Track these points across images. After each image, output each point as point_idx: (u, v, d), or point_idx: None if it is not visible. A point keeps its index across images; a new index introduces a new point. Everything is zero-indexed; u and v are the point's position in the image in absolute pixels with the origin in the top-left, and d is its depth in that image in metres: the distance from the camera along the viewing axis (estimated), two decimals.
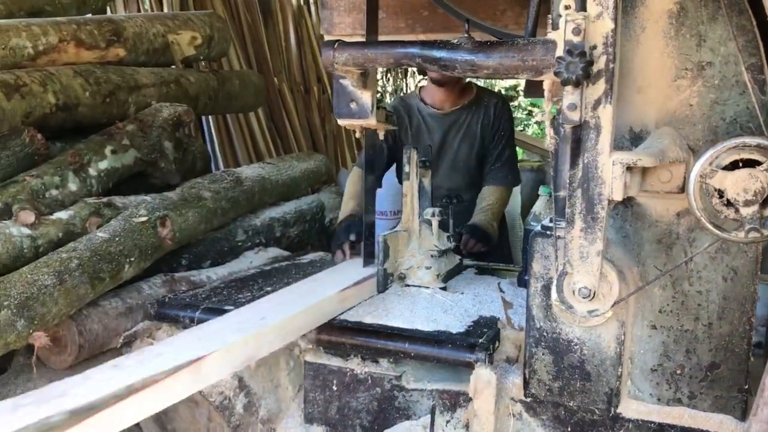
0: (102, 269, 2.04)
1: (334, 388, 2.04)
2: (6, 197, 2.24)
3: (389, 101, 10.26)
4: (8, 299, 1.81)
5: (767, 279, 1.96)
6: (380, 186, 2.92)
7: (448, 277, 2.43)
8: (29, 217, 2.15)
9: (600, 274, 1.55)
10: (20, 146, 2.45)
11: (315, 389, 2.06)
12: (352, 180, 3.06)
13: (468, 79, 3.20)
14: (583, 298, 1.57)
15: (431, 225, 2.40)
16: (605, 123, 1.49)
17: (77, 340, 2.00)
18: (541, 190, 2.31)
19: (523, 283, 2.33)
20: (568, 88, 1.47)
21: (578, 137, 1.52)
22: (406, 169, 2.43)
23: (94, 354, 2.09)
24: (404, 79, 10.28)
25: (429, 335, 1.90)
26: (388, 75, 9.99)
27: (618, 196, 1.50)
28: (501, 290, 2.28)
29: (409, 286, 2.33)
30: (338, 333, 1.97)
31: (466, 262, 2.79)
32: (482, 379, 1.78)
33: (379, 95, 9.91)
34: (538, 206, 2.29)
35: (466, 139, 3.15)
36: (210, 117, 4.66)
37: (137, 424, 2.25)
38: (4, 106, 2.39)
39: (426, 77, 3.31)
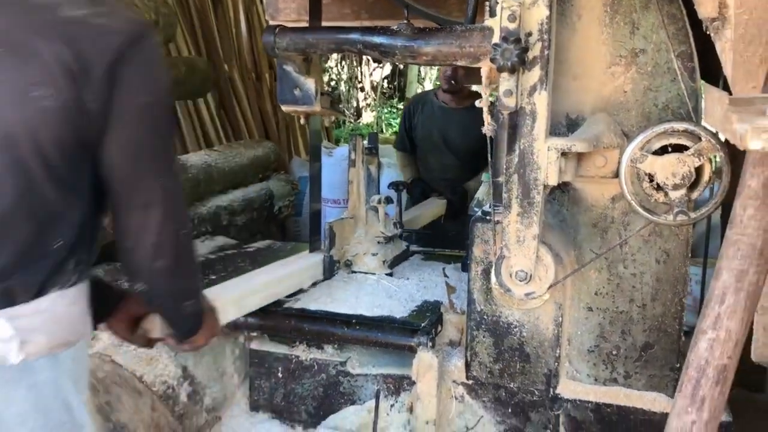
0: None
1: (280, 375, 2.04)
2: None
3: (343, 89, 10.25)
4: None
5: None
6: None
7: (395, 263, 2.45)
8: None
9: (536, 257, 1.58)
10: None
11: (260, 377, 2.06)
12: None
13: None
14: (520, 281, 1.60)
15: (377, 212, 2.41)
16: (540, 109, 1.52)
17: None
18: (484, 176, 2.33)
19: (466, 267, 2.36)
20: (504, 74, 1.49)
21: (515, 123, 1.55)
22: (352, 156, 2.43)
23: None
24: (359, 67, 10.26)
25: (373, 320, 1.91)
26: (343, 62, 9.96)
27: (553, 181, 1.53)
28: (445, 275, 2.31)
29: (355, 272, 2.34)
30: (283, 319, 1.97)
31: (414, 247, 2.82)
32: (424, 362, 1.80)
33: (334, 83, 9.90)
34: (481, 192, 2.31)
35: (473, 135, 3.25)
36: None
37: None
38: None
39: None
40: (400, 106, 10.62)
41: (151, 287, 1.27)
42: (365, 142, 2.49)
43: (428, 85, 10.96)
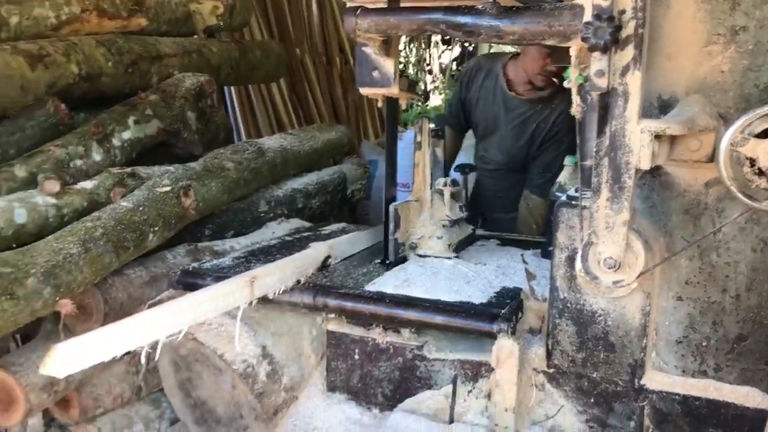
0: (126, 238, 2.05)
1: (356, 357, 2.04)
2: (31, 167, 2.26)
3: (411, 72, 10.19)
4: (35, 267, 1.83)
5: None
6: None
7: (460, 247, 2.42)
8: (54, 186, 2.16)
9: (626, 244, 1.53)
10: (44, 117, 2.46)
11: (337, 358, 2.07)
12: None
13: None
14: (609, 268, 1.55)
15: (443, 195, 2.39)
16: (633, 90, 1.46)
17: (102, 308, 2.02)
18: (567, 159, 2.27)
19: (547, 254, 2.31)
20: (596, 54, 1.44)
21: (606, 105, 1.49)
22: (418, 138, 2.40)
23: None
24: (428, 50, 10.19)
25: (452, 306, 1.89)
26: (411, 45, 9.90)
27: (645, 165, 1.47)
28: (524, 261, 2.27)
29: (424, 256, 2.32)
30: (360, 302, 1.97)
31: (481, 231, 2.79)
32: (505, 349, 1.77)
33: (401, 66, 9.87)
34: (563, 176, 2.25)
35: (529, 131, 3.17)
36: (232, 87, 4.65)
37: (161, 389, 2.31)
38: (28, 77, 2.40)
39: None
40: None
41: None
42: (431, 124, 2.46)
43: None
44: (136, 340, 1.53)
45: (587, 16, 1.43)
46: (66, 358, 1.36)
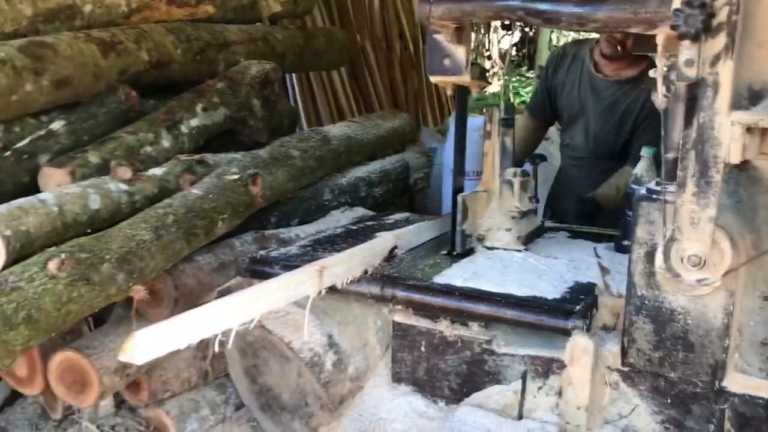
0: (196, 225, 2.07)
1: (423, 349, 2.02)
2: (104, 153, 2.30)
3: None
4: (109, 253, 1.86)
5: None
6: None
7: (529, 239, 2.37)
8: (126, 172, 2.20)
9: (712, 241, 1.46)
10: (116, 103, 2.50)
11: (403, 349, 2.05)
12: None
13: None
14: (693, 266, 1.49)
15: (512, 186, 2.33)
16: (724, 80, 1.39)
17: (173, 293, 2.05)
18: (644, 150, 2.19)
19: (620, 248, 2.24)
20: (685, 42, 1.38)
21: (694, 95, 1.43)
22: (488, 127, 2.35)
23: (190, 308, 2.14)
24: (487, 35, 10.04)
25: (524, 300, 1.85)
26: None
27: (735, 159, 1.41)
28: (597, 255, 2.20)
29: (491, 248, 2.28)
30: (429, 294, 1.95)
31: (549, 223, 2.72)
32: (579, 346, 1.72)
33: None
34: (640, 168, 2.17)
35: (618, 114, 3.05)
36: (294, 75, 4.67)
37: (227, 375, 2.33)
38: (101, 64, 2.44)
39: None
40: (530, 74, 10.32)
41: None
42: (501, 112, 2.41)
43: None
44: (210, 329, 1.55)
45: (677, 3, 1.36)
46: (144, 345, 1.38)
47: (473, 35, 9.32)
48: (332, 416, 2.03)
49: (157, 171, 2.34)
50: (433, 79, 2.00)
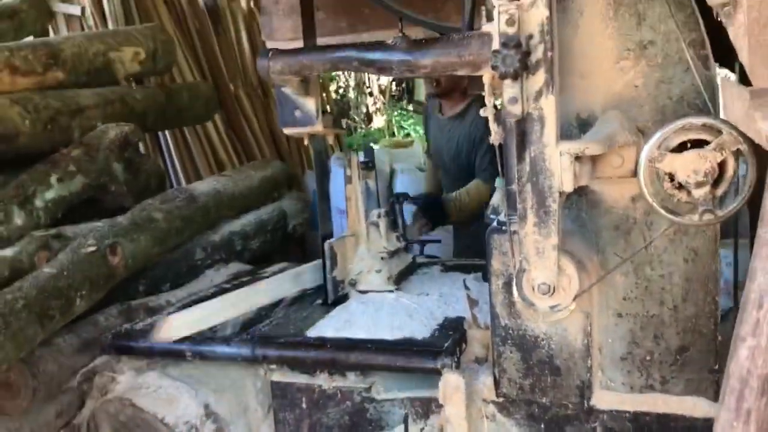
0: (51, 306, 1.95)
1: (304, 406, 1.98)
2: None
3: (353, 95, 10.20)
4: None
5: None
6: None
7: (401, 277, 2.38)
8: None
9: (558, 268, 1.51)
10: None
11: (284, 409, 2.00)
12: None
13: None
14: (543, 294, 1.52)
15: (379, 227, 2.34)
16: (548, 114, 1.44)
17: (30, 383, 1.92)
18: (498, 182, 2.25)
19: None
20: (507, 81, 1.42)
21: (523, 130, 1.48)
22: (348, 172, 2.36)
23: (52, 394, 2.01)
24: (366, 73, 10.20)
25: (393, 344, 1.85)
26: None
27: (568, 188, 1.46)
28: (466, 287, 2.23)
29: (367, 292, 2.27)
30: (301, 349, 1.91)
31: (421, 259, 2.75)
32: (451, 384, 1.73)
33: (342, 90, 9.85)
34: (496, 199, 2.23)
35: (453, 147, 3.20)
36: (167, 132, 4.56)
37: None
38: None
39: None
40: (410, 107, 10.56)
41: None
42: (360, 156, 2.43)
43: None
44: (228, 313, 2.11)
45: (495, 44, 1.41)
46: (176, 326, 2.01)
47: (353, 73, 9.42)
48: None
49: (7, 252, 2.20)
50: (287, 131, 1.98)
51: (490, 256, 1.73)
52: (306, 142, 2.13)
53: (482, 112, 1.52)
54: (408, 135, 10.13)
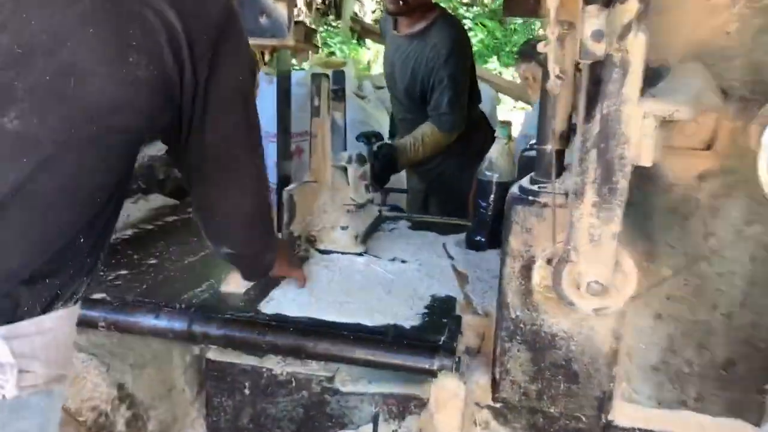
0: None
1: (247, 391, 1.59)
2: None
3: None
4: None
5: None
6: None
7: (368, 235, 1.99)
8: None
9: (615, 263, 1.16)
10: None
11: (221, 393, 1.60)
12: None
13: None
14: (593, 294, 1.18)
15: (346, 173, 1.92)
16: (636, 58, 1.08)
17: None
18: (499, 131, 1.87)
19: (473, 244, 1.93)
20: (591, 8, 1.03)
21: (597, 78, 1.10)
22: (316, 102, 1.90)
23: None
24: None
25: (375, 332, 1.46)
26: None
27: (647, 161, 1.11)
28: (450, 256, 1.86)
29: (327, 252, 1.87)
30: (254, 330, 1.49)
31: (386, 212, 2.36)
32: (448, 391, 1.38)
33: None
34: (495, 151, 1.85)
35: (408, 74, 2.79)
36: None
37: None
38: None
39: None
40: (339, 23, 9.95)
41: (241, 250, 1.38)
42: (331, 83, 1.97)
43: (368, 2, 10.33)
44: None
45: None
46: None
47: None
48: None
49: None
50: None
51: (508, 232, 1.36)
52: (266, 59, 1.67)
53: (540, 48, 1.12)
54: (332, 54, 9.56)
